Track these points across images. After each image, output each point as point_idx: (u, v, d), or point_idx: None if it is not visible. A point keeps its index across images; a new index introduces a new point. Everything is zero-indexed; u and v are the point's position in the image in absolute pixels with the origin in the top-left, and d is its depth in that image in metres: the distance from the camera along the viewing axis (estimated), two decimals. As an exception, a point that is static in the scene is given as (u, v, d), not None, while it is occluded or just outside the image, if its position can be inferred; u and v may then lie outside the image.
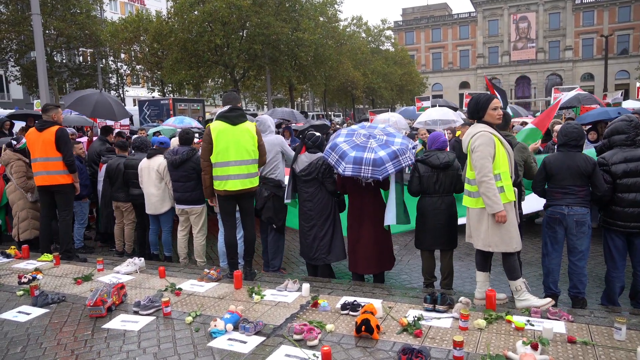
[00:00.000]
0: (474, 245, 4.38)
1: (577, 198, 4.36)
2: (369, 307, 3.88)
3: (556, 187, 4.46)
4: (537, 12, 62.76)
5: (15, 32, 26.07)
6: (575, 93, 12.03)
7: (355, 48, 40.91)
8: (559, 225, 4.43)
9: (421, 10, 76.20)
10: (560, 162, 4.44)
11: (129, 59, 33.73)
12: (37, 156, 6.22)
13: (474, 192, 4.24)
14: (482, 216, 4.19)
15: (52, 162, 6.18)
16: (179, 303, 4.52)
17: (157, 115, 20.58)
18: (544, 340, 3.35)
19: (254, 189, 5.30)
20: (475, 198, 4.22)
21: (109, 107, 9.82)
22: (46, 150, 6.14)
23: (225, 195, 5.20)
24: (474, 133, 4.20)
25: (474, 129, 4.23)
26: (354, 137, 5.05)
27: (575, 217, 4.34)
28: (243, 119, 5.20)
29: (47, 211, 6.42)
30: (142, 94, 41.08)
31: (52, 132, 6.13)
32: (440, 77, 69.33)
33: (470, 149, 4.20)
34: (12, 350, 3.72)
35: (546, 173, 4.52)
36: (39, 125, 6.24)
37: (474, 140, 4.16)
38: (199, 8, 25.31)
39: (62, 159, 6.19)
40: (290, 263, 6.84)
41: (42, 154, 6.17)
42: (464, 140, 4.35)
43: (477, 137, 4.13)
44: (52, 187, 6.25)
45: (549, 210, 4.53)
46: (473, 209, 4.29)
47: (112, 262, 6.12)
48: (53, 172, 6.19)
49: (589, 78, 60.14)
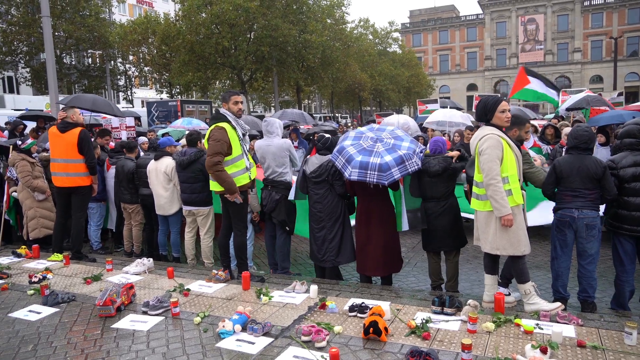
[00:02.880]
0: (482, 248, 4.37)
1: (587, 201, 4.32)
2: (377, 309, 3.88)
3: (566, 190, 4.41)
4: (545, 13, 62.42)
5: (26, 34, 26.37)
6: (584, 95, 11.90)
7: (363, 50, 40.92)
8: (569, 229, 4.39)
9: (428, 12, 76.03)
10: (570, 164, 4.40)
11: (137, 60, 33.96)
12: (58, 157, 6.23)
13: (482, 195, 4.23)
14: (490, 219, 4.18)
15: (73, 163, 6.20)
16: (188, 304, 4.54)
17: (165, 117, 20.68)
18: (553, 344, 3.34)
19: (221, 191, 5.10)
20: (483, 201, 4.21)
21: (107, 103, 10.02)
22: (68, 152, 6.16)
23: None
24: (481, 136, 4.19)
25: (482, 132, 4.22)
26: (361, 141, 5.05)
27: (586, 220, 4.30)
28: (212, 121, 5.18)
29: (63, 212, 6.44)
30: (150, 95, 41.32)
31: (75, 133, 6.15)
32: (447, 79, 69.12)
33: (478, 152, 4.19)
34: (23, 348, 3.76)
35: (556, 176, 4.48)
36: (61, 126, 6.23)
37: (481, 143, 4.15)
38: (207, 10, 25.45)
39: (84, 161, 6.21)
40: (298, 265, 6.85)
41: (63, 155, 6.18)
42: (472, 143, 4.34)
43: (485, 139, 4.12)
44: (70, 189, 6.29)
45: (558, 213, 4.49)
46: (481, 211, 4.28)
47: (121, 262, 6.15)
48: (73, 174, 6.22)
49: (597, 80, 59.68)
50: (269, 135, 5.89)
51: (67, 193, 6.33)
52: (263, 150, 5.81)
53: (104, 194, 7.26)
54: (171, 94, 33.42)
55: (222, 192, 5.12)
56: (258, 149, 5.88)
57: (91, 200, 6.86)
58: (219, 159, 4.88)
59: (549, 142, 8.23)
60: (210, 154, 4.89)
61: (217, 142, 4.89)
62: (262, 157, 5.83)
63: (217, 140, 4.90)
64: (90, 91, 29.43)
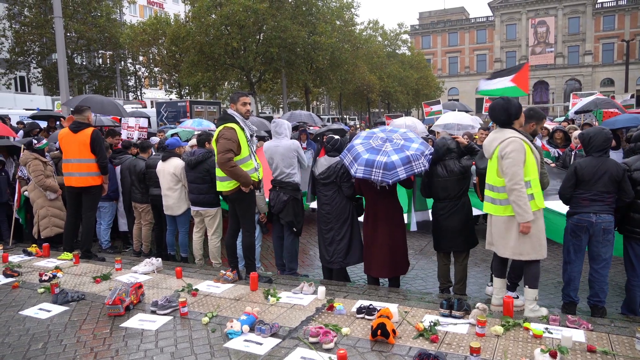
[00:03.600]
0: (499, 254, 4.28)
1: (605, 205, 4.26)
2: (384, 311, 3.87)
3: (584, 194, 4.32)
4: (556, 16, 62.00)
5: (38, 35, 26.67)
6: (593, 97, 11.76)
7: (372, 52, 40.88)
8: (585, 233, 4.32)
9: (438, 14, 75.80)
10: (593, 167, 4.30)
11: (147, 61, 34.20)
12: (71, 157, 6.30)
13: (500, 200, 4.12)
14: (511, 224, 4.08)
15: (85, 163, 6.26)
16: (196, 303, 4.56)
17: (174, 117, 20.75)
18: (563, 348, 3.31)
19: (229, 191, 5.14)
20: (503, 206, 4.11)
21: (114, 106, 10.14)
22: (80, 152, 6.23)
23: (222, 197, 5.41)
24: (503, 138, 4.06)
25: (503, 134, 4.10)
26: (371, 140, 5.06)
27: (603, 224, 4.24)
28: (220, 122, 5.21)
29: (74, 211, 6.50)
30: (159, 96, 41.58)
31: (88, 134, 6.21)
32: (456, 82, 68.85)
33: (499, 155, 4.07)
34: (33, 346, 3.79)
35: (577, 179, 4.37)
36: (73, 126, 6.29)
37: (504, 146, 4.03)
38: (217, 11, 25.56)
39: (95, 160, 6.28)
40: (305, 266, 6.86)
41: (76, 155, 6.25)
42: (489, 145, 4.23)
43: (508, 143, 4.01)
44: (81, 189, 6.35)
45: (574, 218, 4.39)
46: (499, 217, 4.18)
47: (130, 261, 6.19)
48: (85, 174, 6.28)
49: (609, 83, 59.16)
50: (277, 136, 5.90)
51: (78, 192, 6.39)
52: (272, 151, 5.82)
53: (117, 193, 7.31)
54: (180, 95, 33.60)
55: (229, 193, 5.14)
56: (267, 150, 5.88)
57: (103, 199, 6.93)
58: (231, 155, 4.92)
59: (557, 146, 8.19)
60: (222, 152, 4.91)
61: (228, 140, 4.93)
62: (271, 158, 5.83)
63: (228, 139, 4.93)
64: (101, 91, 29.72)
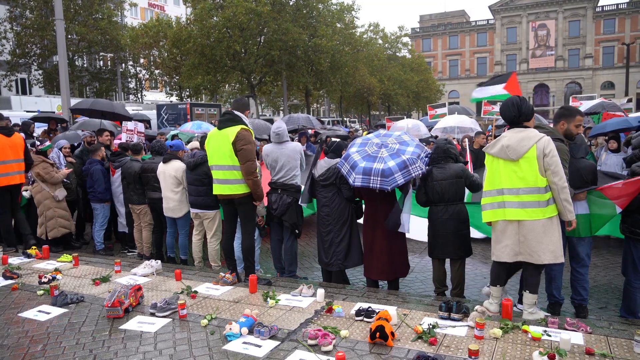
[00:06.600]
0: (533, 261, 3.95)
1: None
2: (383, 313, 3.88)
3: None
4: (556, 19, 62.06)
5: (39, 37, 26.75)
6: (599, 100, 11.95)
7: (372, 54, 41.00)
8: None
9: (438, 17, 75.90)
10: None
11: (148, 63, 34.30)
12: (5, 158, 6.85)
13: (544, 202, 3.89)
14: (552, 226, 3.91)
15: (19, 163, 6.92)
16: (195, 306, 4.57)
17: (174, 120, 20.79)
18: (561, 351, 3.31)
19: (238, 195, 5.15)
20: (542, 208, 3.89)
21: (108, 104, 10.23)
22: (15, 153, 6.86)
23: (220, 199, 5.41)
24: (538, 137, 3.87)
25: (532, 132, 3.94)
26: (367, 147, 5.05)
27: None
28: (230, 123, 5.12)
29: (8, 208, 7.05)
30: (160, 98, 41.64)
31: (20, 136, 6.86)
32: (457, 85, 68.89)
33: (539, 154, 3.85)
34: (32, 348, 3.80)
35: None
36: (6, 131, 6.75)
37: (544, 144, 3.84)
38: (218, 14, 25.63)
39: (23, 160, 6.84)
40: (305, 268, 6.86)
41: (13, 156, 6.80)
42: (518, 145, 3.92)
43: (547, 141, 3.85)
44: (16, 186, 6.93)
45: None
46: (536, 220, 3.89)
47: (129, 264, 6.20)
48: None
49: (609, 86, 59.20)
50: (280, 140, 5.85)
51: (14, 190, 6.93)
52: (277, 153, 5.73)
53: (108, 195, 7.28)
54: (181, 97, 33.67)
55: (239, 197, 5.16)
56: (270, 152, 5.80)
57: (95, 200, 7.16)
58: (257, 165, 5.08)
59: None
60: (250, 159, 5.01)
61: (253, 146, 5.07)
62: (274, 160, 5.75)
63: (252, 144, 5.05)
64: (101, 94, 29.81)
